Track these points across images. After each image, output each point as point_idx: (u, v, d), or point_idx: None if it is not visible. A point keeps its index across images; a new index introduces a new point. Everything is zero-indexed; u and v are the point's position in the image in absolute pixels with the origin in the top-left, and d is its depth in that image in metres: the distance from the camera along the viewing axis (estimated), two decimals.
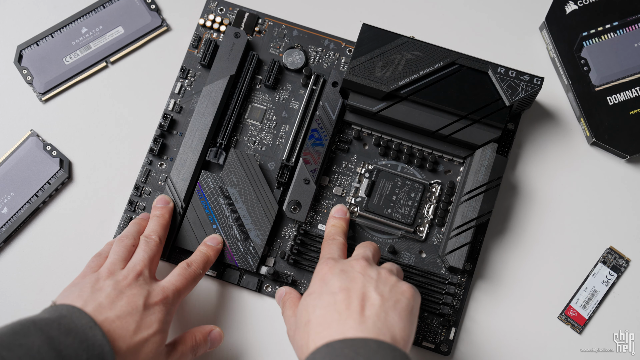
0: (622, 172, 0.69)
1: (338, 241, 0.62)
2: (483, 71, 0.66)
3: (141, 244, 0.62)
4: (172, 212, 0.65)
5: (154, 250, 0.61)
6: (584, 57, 0.69)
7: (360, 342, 0.50)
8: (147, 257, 0.60)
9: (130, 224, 0.64)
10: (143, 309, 0.57)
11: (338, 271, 0.57)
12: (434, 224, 0.67)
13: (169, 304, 0.59)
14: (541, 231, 0.68)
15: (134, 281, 0.58)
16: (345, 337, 0.51)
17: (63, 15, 0.72)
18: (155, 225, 0.63)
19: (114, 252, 0.61)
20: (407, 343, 0.53)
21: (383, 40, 0.66)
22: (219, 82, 0.68)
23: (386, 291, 0.55)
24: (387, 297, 0.54)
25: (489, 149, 0.65)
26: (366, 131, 0.68)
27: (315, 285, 0.57)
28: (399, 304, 0.54)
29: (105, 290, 0.57)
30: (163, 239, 0.63)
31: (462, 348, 0.66)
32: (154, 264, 0.61)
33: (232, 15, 0.72)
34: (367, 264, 0.58)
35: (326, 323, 0.53)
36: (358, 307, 0.53)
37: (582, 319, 0.66)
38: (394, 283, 0.56)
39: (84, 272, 0.60)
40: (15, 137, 0.70)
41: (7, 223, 0.67)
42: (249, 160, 0.67)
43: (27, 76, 0.70)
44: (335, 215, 0.65)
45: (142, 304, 0.57)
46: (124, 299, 0.56)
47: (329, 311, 0.53)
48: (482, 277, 0.67)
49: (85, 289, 0.57)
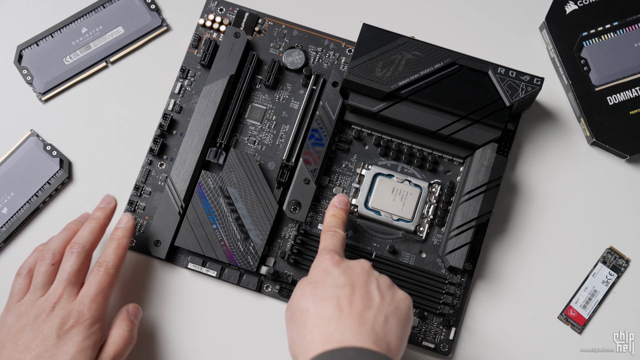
0: (622, 172, 0.69)
1: (339, 235, 0.61)
2: (483, 71, 0.66)
3: (65, 257, 0.61)
4: (111, 214, 0.64)
5: (77, 262, 0.61)
6: (584, 57, 0.69)
7: (339, 351, 0.49)
8: (71, 272, 0.60)
9: (57, 236, 0.63)
10: (57, 341, 0.57)
11: (345, 266, 0.56)
12: (434, 224, 0.67)
13: (87, 320, 0.58)
14: (541, 231, 0.68)
15: (51, 312, 0.59)
16: (343, 336, 0.50)
17: (63, 15, 0.72)
18: (85, 232, 0.62)
19: (37, 276, 0.61)
20: (399, 352, 0.52)
21: (383, 40, 0.66)
22: (218, 82, 0.68)
23: (388, 296, 0.55)
24: (388, 301, 0.54)
25: (489, 149, 0.65)
26: (366, 131, 0.68)
27: (318, 275, 0.56)
28: (399, 310, 0.54)
29: (24, 332, 0.58)
30: (92, 248, 0.62)
31: (462, 348, 0.66)
32: (82, 272, 0.61)
33: (232, 15, 0.72)
34: (370, 265, 0.57)
35: (326, 316, 0.52)
36: (360, 306, 0.53)
37: (582, 319, 0.66)
38: (395, 290, 0.56)
39: (9, 303, 0.61)
40: (15, 137, 0.70)
41: (7, 223, 0.67)
42: (249, 160, 0.67)
43: (27, 76, 0.70)
44: (336, 204, 0.64)
45: (55, 337, 0.57)
46: (38, 339, 0.57)
47: (331, 305, 0.53)
48: (482, 277, 0.67)
49: (9, 333, 0.58)
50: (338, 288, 0.54)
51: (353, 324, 0.51)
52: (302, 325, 0.53)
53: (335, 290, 0.54)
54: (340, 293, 0.54)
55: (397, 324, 0.53)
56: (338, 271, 0.56)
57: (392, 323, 0.53)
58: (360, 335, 0.51)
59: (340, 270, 0.56)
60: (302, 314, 0.53)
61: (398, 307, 0.54)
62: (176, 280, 0.67)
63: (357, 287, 0.54)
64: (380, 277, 0.57)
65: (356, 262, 0.57)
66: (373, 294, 0.54)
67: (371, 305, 0.53)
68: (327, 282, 0.55)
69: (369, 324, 0.52)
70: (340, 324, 0.51)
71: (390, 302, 0.54)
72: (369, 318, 0.52)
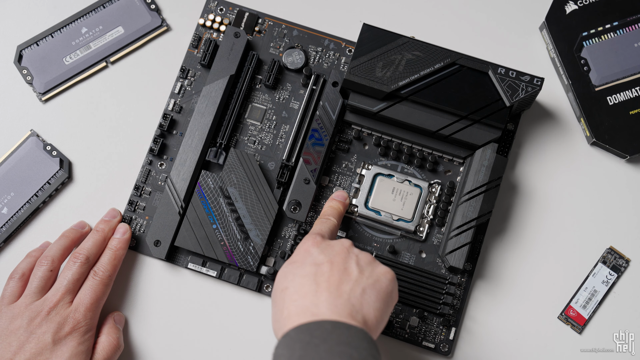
0: (622, 172, 0.69)
1: (331, 222, 0.62)
2: (483, 71, 0.66)
3: (67, 265, 0.63)
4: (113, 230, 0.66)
5: (78, 272, 0.62)
6: (584, 57, 0.69)
7: (315, 324, 0.50)
8: (71, 280, 0.62)
9: (54, 243, 0.65)
10: (52, 345, 0.59)
11: (325, 246, 0.57)
12: (434, 224, 0.67)
13: (82, 327, 0.60)
14: (541, 231, 0.68)
15: (46, 316, 0.60)
16: (318, 309, 0.51)
17: (63, 15, 0.72)
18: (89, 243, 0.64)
19: (33, 280, 0.62)
20: (379, 325, 0.53)
21: (383, 40, 0.66)
22: (218, 82, 0.68)
23: (368, 270, 0.55)
24: (367, 274, 0.54)
25: (489, 149, 0.65)
26: (366, 131, 0.68)
27: (299, 256, 0.57)
28: (378, 283, 0.54)
29: (17, 334, 0.59)
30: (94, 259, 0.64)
31: (462, 348, 0.66)
32: (80, 282, 0.62)
33: (232, 15, 0.72)
34: (351, 244, 0.58)
35: (303, 292, 0.53)
36: (337, 280, 0.53)
37: (582, 319, 0.66)
38: (376, 265, 0.56)
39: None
40: (15, 137, 0.70)
41: (7, 223, 0.67)
42: (249, 160, 0.67)
43: (27, 76, 0.70)
44: (335, 197, 0.66)
45: (50, 341, 0.59)
46: (33, 341, 0.59)
47: (308, 281, 0.53)
48: (482, 277, 0.67)
49: (2, 334, 0.59)
50: (316, 265, 0.55)
51: (328, 296, 0.52)
52: (281, 303, 0.53)
53: (314, 267, 0.55)
54: (318, 270, 0.54)
55: (376, 297, 0.53)
56: (317, 250, 0.56)
57: (370, 295, 0.53)
58: (335, 308, 0.51)
59: (319, 249, 0.57)
60: (282, 292, 0.54)
61: (377, 280, 0.54)
62: (176, 280, 0.67)
63: (335, 264, 0.55)
64: (361, 253, 0.57)
65: (336, 242, 0.58)
66: (351, 269, 0.54)
67: (348, 279, 0.53)
68: (307, 261, 0.56)
69: (345, 296, 0.52)
70: (316, 297, 0.52)
71: (369, 276, 0.54)
72: (345, 291, 0.52)
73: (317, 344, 0.48)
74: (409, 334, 0.65)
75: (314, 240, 0.58)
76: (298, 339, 0.49)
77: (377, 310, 0.53)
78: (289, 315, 0.52)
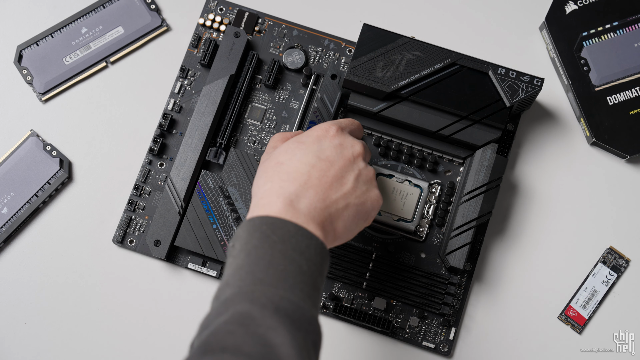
0: (622, 172, 0.69)
1: (355, 123, 0.61)
2: (483, 72, 0.66)
3: None
4: None
5: None
6: (584, 57, 0.69)
7: (281, 222, 0.50)
8: None
9: None
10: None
11: (337, 142, 0.56)
12: (434, 224, 0.67)
13: None
14: (541, 231, 0.68)
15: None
16: (298, 202, 0.51)
17: (63, 15, 0.72)
18: None
19: None
20: (342, 239, 0.54)
21: (384, 40, 0.66)
22: (218, 82, 0.68)
23: (361, 189, 0.55)
24: (358, 193, 0.55)
25: (489, 150, 0.65)
26: (366, 131, 0.68)
27: (309, 138, 0.56)
28: (363, 206, 0.55)
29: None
30: None
31: (462, 348, 0.66)
32: None
33: (232, 14, 0.72)
34: (364, 150, 0.57)
35: (293, 176, 0.53)
36: (329, 184, 0.53)
37: (582, 319, 0.66)
38: (371, 187, 0.56)
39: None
40: (15, 137, 0.70)
41: (7, 223, 0.67)
42: (249, 160, 0.67)
43: (27, 76, 0.70)
44: None
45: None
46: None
47: (304, 169, 0.53)
48: (482, 277, 0.67)
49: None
50: (319, 158, 0.55)
51: (313, 196, 0.52)
52: (270, 173, 0.54)
53: (315, 158, 0.54)
54: (318, 163, 0.54)
55: (354, 215, 0.54)
56: (329, 144, 0.56)
57: (350, 212, 0.54)
58: (313, 210, 0.51)
59: (331, 144, 0.56)
60: (276, 166, 0.54)
61: (365, 202, 0.55)
62: (176, 280, 0.67)
63: (335, 167, 0.55)
64: (365, 169, 0.57)
65: (350, 143, 0.57)
66: (347, 180, 0.55)
67: (339, 189, 0.54)
68: (313, 149, 0.55)
69: (328, 202, 0.53)
70: (302, 189, 0.52)
71: (360, 195, 0.55)
72: (331, 198, 0.53)
73: (275, 241, 0.49)
74: (409, 334, 0.65)
75: (331, 129, 0.57)
76: (260, 229, 0.50)
77: (348, 227, 0.54)
78: (270, 193, 0.52)
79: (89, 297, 0.67)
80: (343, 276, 0.66)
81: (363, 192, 0.55)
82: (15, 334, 0.66)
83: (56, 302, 0.67)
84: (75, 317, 0.67)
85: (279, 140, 0.59)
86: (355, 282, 0.66)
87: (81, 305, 0.67)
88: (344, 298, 0.66)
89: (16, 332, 0.66)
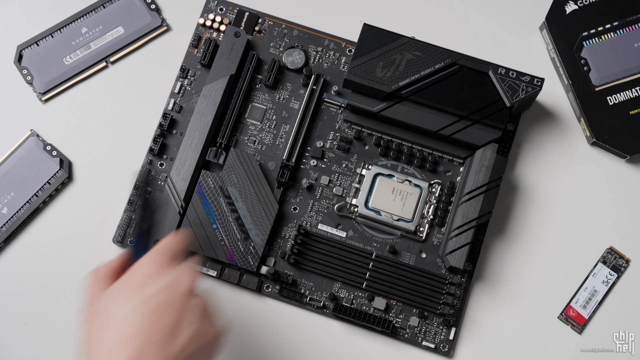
0: (622, 172, 0.69)
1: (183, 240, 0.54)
2: (483, 72, 0.66)
3: None
4: None
5: None
6: (584, 57, 0.69)
7: None
8: None
9: None
10: None
11: (165, 284, 0.50)
12: (434, 224, 0.67)
13: None
14: (541, 231, 0.68)
15: None
16: None
17: (63, 15, 0.72)
18: None
19: None
20: None
21: (384, 40, 0.66)
22: (219, 82, 0.68)
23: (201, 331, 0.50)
24: (199, 336, 0.50)
25: (489, 150, 0.65)
26: (366, 131, 0.68)
27: (135, 278, 0.51)
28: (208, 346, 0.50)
29: None
30: None
31: (462, 348, 0.66)
32: None
33: (232, 14, 0.72)
34: (193, 280, 0.52)
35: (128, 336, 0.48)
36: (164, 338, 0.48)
37: (582, 319, 0.66)
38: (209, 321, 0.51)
39: None
40: (15, 137, 0.70)
41: (7, 223, 0.67)
42: (249, 160, 0.67)
43: (27, 76, 0.70)
44: None
45: None
46: None
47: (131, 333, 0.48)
48: (482, 277, 0.67)
49: None
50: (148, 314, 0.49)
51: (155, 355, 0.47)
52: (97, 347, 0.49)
53: (142, 316, 0.49)
54: (146, 321, 0.48)
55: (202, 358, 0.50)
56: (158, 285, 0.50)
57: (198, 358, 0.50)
58: None
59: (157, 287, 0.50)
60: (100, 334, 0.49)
61: (207, 343, 0.50)
62: None
63: (166, 318, 0.49)
64: (199, 303, 0.51)
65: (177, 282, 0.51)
66: (183, 326, 0.49)
67: (177, 340, 0.49)
68: (138, 301, 0.49)
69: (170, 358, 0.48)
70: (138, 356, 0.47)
71: (202, 337, 0.50)
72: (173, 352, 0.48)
73: None
74: (409, 334, 0.65)
75: (159, 261, 0.51)
76: None
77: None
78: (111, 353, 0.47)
79: None
80: (343, 276, 0.66)
81: (203, 333, 0.50)
82: (15, 334, 0.66)
83: (56, 302, 0.67)
84: (75, 317, 0.67)
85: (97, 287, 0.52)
86: (355, 282, 0.66)
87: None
88: (344, 298, 0.66)
89: (16, 332, 0.66)
